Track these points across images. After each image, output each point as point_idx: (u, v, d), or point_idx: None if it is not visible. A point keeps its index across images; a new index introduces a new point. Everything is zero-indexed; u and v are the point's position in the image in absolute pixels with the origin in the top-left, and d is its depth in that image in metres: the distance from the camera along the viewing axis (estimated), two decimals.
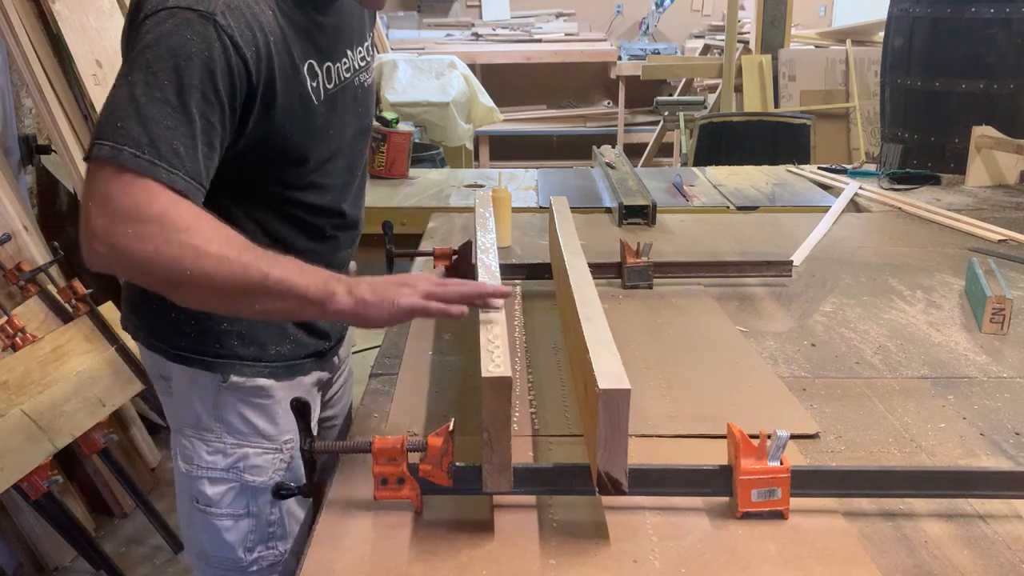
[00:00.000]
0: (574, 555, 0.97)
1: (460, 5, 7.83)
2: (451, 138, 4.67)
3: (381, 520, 1.03)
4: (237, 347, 1.28)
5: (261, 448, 1.32)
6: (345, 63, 1.28)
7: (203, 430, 1.30)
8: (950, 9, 2.89)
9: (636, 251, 1.81)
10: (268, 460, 1.32)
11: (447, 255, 1.77)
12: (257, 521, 1.33)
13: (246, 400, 1.30)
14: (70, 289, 2.55)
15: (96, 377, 2.44)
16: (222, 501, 1.31)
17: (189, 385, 1.30)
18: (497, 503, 1.05)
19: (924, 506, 1.06)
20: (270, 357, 1.31)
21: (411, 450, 1.00)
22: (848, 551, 0.97)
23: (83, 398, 2.37)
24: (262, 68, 1.10)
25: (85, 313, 2.55)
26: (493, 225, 1.63)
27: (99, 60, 2.85)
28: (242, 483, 1.31)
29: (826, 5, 7.50)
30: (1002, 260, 2.00)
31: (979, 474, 1.06)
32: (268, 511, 1.33)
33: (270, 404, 1.32)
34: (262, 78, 1.11)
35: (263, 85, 1.11)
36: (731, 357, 1.50)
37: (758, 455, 1.01)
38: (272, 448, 1.32)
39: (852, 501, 1.06)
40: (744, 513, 1.02)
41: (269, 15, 1.12)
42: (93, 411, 2.39)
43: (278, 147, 1.18)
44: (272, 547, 1.35)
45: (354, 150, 1.36)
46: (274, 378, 1.32)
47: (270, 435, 1.32)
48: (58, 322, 2.53)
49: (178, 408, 1.33)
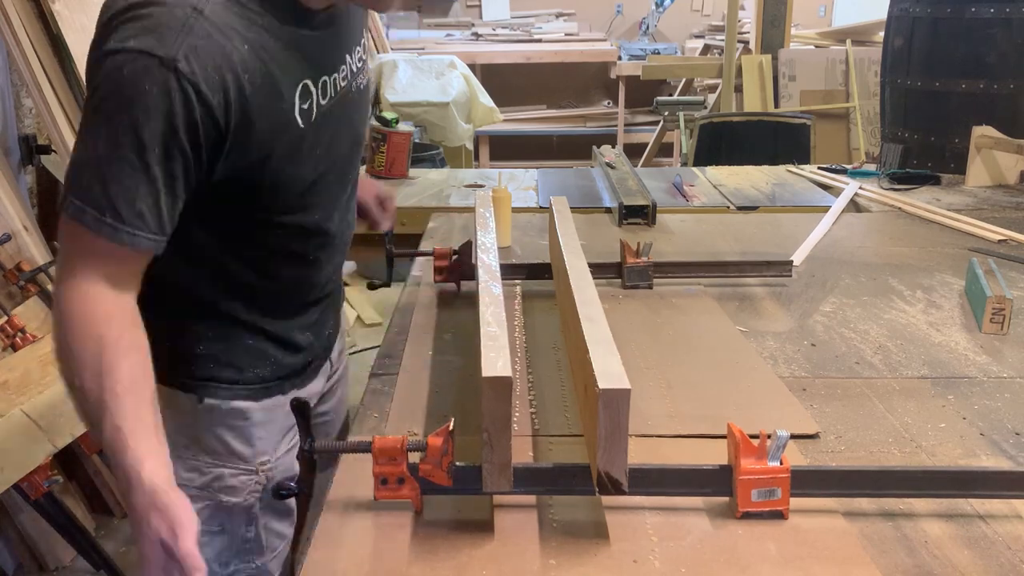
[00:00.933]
0: (574, 555, 0.97)
1: (460, 5, 7.83)
2: (451, 138, 4.68)
3: (381, 520, 1.03)
4: (213, 369, 1.26)
5: (236, 469, 1.29)
6: (343, 70, 1.23)
7: (179, 448, 1.27)
8: (950, 9, 2.89)
9: (636, 251, 1.81)
10: (243, 481, 1.30)
11: (447, 255, 1.77)
12: (232, 538, 1.31)
13: (223, 422, 1.28)
14: None
15: None
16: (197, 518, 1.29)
17: (165, 404, 1.24)
18: (497, 503, 1.05)
19: (924, 506, 1.06)
20: (247, 379, 1.29)
21: (411, 450, 1.00)
22: (848, 551, 0.97)
23: None
24: (232, 112, 1.05)
25: None
26: (493, 225, 1.63)
27: None
28: (216, 502, 1.29)
29: (826, 5, 7.50)
30: (1002, 260, 2.00)
31: (979, 474, 1.06)
32: (244, 529, 1.32)
33: (245, 426, 1.29)
34: (232, 122, 1.05)
35: (234, 129, 1.06)
36: (731, 357, 1.50)
37: (758, 455, 1.01)
38: (247, 470, 1.30)
39: (852, 501, 1.06)
40: (744, 513, 1.02)
41: (244, 50, 1.05)
42: None
43: (256, 178, 1.13)
44: (248, 561, 1.33)
45: (348, 161, 1.32)
46: (252, 400, 1.29)
47: (246, 456, 1.30)
48: None
49: None
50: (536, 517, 1.04)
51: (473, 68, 5.78)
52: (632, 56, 6.87)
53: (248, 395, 1.29)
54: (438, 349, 1.53)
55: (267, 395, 1.31)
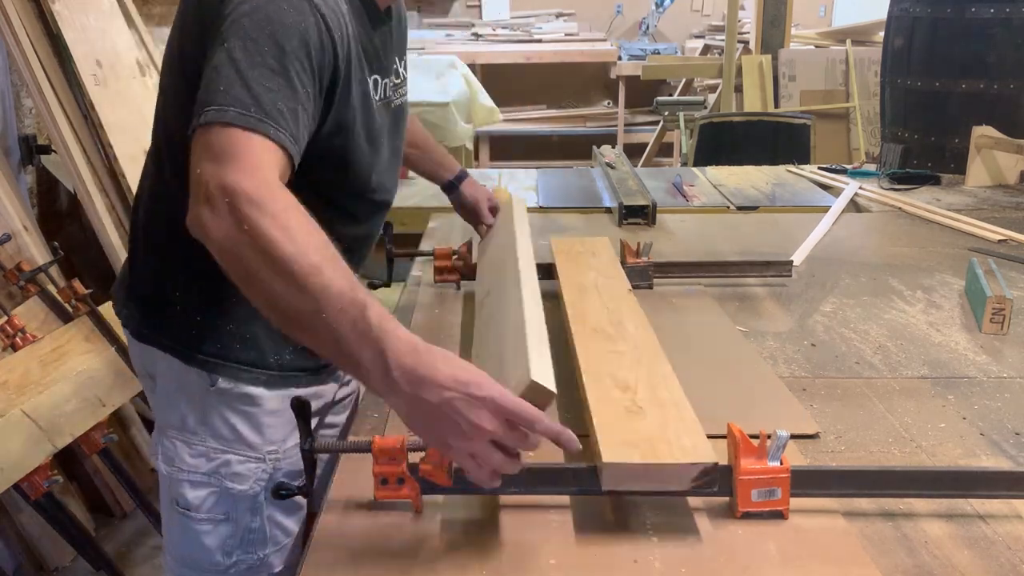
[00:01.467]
0: (574, 555, 0.97)
1: (460, 5, 7.83)
2: (451, 138, 4.68)
3: (381, 520, 1.03)
4: (238, 350, 1.27)
5: (244, 456, 1.29)
6: (391, 81, 1.31)
7: (187, 432, 1.28)
8: (950, 9, 2.89)
9: (636, 251, 1.81)
10: (250, 469, 1.30)
11: (447, 255, 1.77)
12: (236, 527, 1.31)
13: (233, 406, 1.28)
14: (70, 289, 2.55)
15: (96, 377, 2.44)
16: (202, 505, 1.29)
17: (176, 384, 1.28)
18: (499, 503, 1.05)
19: (924, 506, 1.06)
20: (267, 365, 1.29)
21: (411, 450, 1.00)
22: (848, 551, 0.97)
23: (83, 398, 2.37)
24: (344, 53, 1.12)
25: (85, 313, 2.55)
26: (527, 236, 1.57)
27: (99, 60, 2.85)
28: (222, 489, 1.29)
29: (826, 5, 7.50)
30: (1002, 260, 2.00)
31: (979, 474, 1.06)
32: (248, 518, 1.31)
33: (257, 412, 1.29)
34: (343, 63, 1.12)
35: (344, 70, 1.13)
36: (731, 357, 1.49)
37: (758, 455, 1.01)
38: (255, 457, 1.30)
39: (852, 501, 1.06)
40: (744, 513, 1.02)
41: (345, 10, 1.14)
42: (93, 411, 2.39)
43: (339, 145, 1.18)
44: (251, 552, 1.33)
45: (390, 170, 1.36)
46: (265, 387, 1.29)
47: (254, 444, 1.30)
48: (58, 322, 2.53)
49: (162, 408, 1.31)
50: (537, 517, 1.04)
51: (473, 68, 5.77)
52: (632, 56, 6.87)
53: (264, 381, 1.29)
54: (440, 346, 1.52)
55: (283, 385, 1.31)
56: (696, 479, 0.97)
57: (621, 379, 1.18)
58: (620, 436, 1.02)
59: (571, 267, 1.65)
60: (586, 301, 1.48)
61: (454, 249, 1.77)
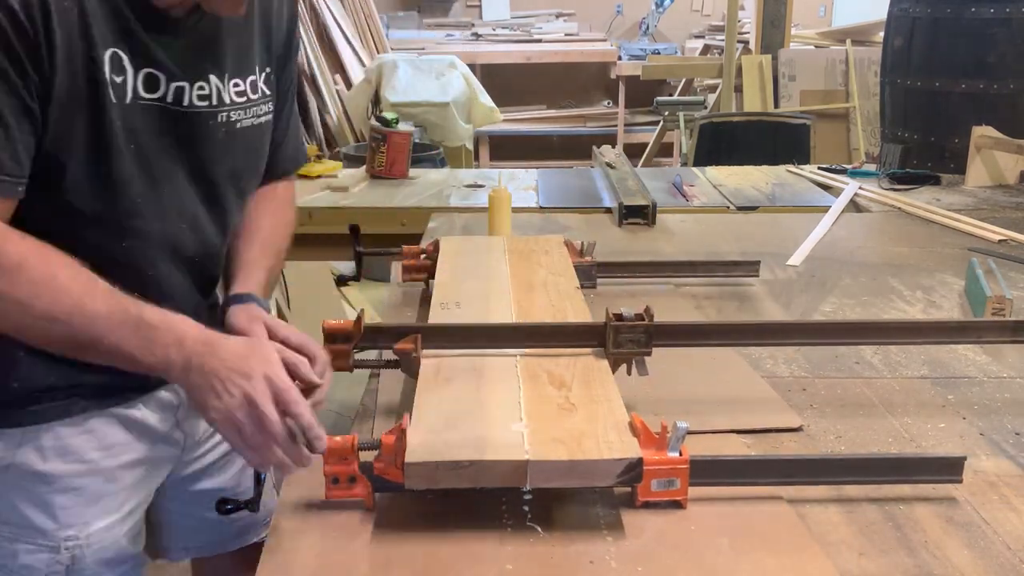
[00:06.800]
0: (531, 556, 0.95)
1: (460, 5, 7.84)
2: (451, 138, 4.68)
3: (334, 520, 1.02)
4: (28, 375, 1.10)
5: (34, 545, 1.13)
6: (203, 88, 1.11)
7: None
8: (950, 9, 2.89)
9: (580, 251, 1.78)
10: (42, 560, 1.13)
11: (415, 254, 1.75)
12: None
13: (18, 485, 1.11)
14: None
15: None
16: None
17: None
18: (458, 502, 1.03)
19: (924, 506, 1.06)
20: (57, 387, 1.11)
21: (362, 449, 1.00)
22: (795, 538, 0.98)
23: None
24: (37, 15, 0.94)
25: None
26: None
27: None
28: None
29: (826, 5, 7.51)
30: (1002, 260, 2.00)
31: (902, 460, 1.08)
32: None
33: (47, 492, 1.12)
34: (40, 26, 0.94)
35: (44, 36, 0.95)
36: (708, 353, 1.45)
37: (658, 446, 1.01)
38: (48, 546, 1.13)
39: (844, 492, 1.06)
40: (644, 502, 1.02)
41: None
42: None
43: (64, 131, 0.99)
44: None
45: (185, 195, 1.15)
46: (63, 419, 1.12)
47: (46, 530, 1.13)
48: None
49: None
50: (496, 517, 1.02)
51: (473, 68, 5.78)
52: (632, 56, 6.88)
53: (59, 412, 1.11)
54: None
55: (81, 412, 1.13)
56: (621, 474, 0.98)
57: (557, 376, 1.18)
58: (549, 433, 1.02)
59: (523, 265, 1.65)
60: (532, 299, 1.48)
61: (423, 248, 1.76)
